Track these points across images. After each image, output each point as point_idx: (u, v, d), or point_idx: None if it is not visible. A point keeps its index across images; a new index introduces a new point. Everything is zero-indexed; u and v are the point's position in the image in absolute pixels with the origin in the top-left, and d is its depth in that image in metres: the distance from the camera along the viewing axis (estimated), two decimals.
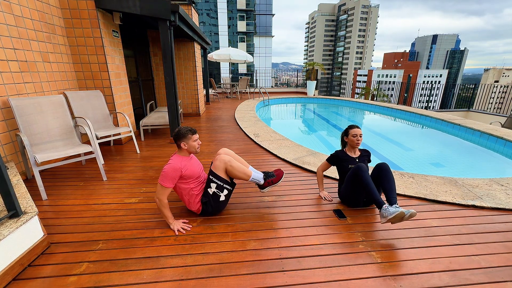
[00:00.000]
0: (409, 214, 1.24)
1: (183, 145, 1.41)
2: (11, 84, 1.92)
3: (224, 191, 1.48)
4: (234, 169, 1.45)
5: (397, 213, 1.24)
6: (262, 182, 1.53)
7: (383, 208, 1.32)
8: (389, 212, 1.27)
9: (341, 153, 1.69)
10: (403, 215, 1.24)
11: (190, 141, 1.41)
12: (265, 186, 1.54)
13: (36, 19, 2.19)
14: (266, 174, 1.56)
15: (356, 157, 1.67)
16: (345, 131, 1.70)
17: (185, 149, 1.42)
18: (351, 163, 1.63)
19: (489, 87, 6.17)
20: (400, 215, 1.24)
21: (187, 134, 1.40)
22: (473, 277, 1.09)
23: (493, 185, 1.92)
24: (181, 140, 1.40)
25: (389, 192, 1.39)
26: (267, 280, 1.08)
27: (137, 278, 1.07)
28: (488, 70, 68.39)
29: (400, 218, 1.25)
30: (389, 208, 1.29)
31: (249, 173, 1.49)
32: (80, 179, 2.07)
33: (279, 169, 1.61)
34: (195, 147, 1.43)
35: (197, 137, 1.44)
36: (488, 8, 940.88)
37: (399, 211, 1.24)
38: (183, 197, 1.49)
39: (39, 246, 1.20)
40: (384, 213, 1.30)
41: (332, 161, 1.71)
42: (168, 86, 2.93)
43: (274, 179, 1.53)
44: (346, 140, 1.69)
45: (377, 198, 1.37)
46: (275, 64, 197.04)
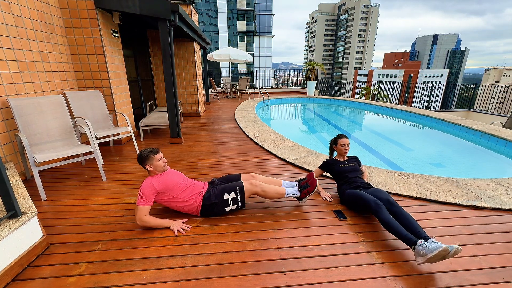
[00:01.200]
0: (453, 250, 1.00)
1: (148, 167, 1.42)
2: (10, 84, 1.92)
3: (234, 206, 1.52)
4: (267, 193, 1.53)
5: (440, 249, 0.99)
6: (298, 194, 1.58)
7: (418, 244, 1.07)
8: (428, 248, 1.03)
9: (330, 160, 1.85)
10: (447, 252, 1.00)
11: (154, 161, 1.42)
12: (302, 198, 1.58)
13: (36, 18, 2.18)
14: (300, 186, 1.59)
15: (345, 160, 1.81)
16: (334, 140, 1.84)
17: (151, 170, 1.43)
18: (340, 163, 1.77)
19: (490, 87, 6.16)
20: (443, 252, 1.00)
21: (149, 155, 1.41)
22: (473, 278, 1.09)
23: (494, 186, 1.92)
24: (144, 163, 1.42)
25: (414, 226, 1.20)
26: (267, 280, 1.07)
27: (136, 279, 1.07)
28: (489, 70, 68.33)
29: (443, 255, 1.01)
30: (427, 244, 1.05)
31: (282, 192, 1.55)
32: (80, 179, 2.07)
33: (311, 174, 1.62)
34: (161, 165, 1.44)
35: (160, 156, 1.45)
36: (489, 8, 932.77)
37: (442, 247, 0.99)
38: (172, 207, 1.50)
39: (38, 246, 1.19)
40: (421, 250, 1.05)
41: (324, 168, 1.86)
42: (167, 86, 2.92)
43: (309, 188, 1.56)
44: (334, 148, 1.84)
45: (405, 234, 1.17)
46: (275, 64, 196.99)
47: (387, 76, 58.50)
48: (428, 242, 1.08)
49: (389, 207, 1.34)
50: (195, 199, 1.48)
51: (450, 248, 1.01)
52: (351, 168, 1.74)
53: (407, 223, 1.23)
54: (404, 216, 1.27)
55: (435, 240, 1.08)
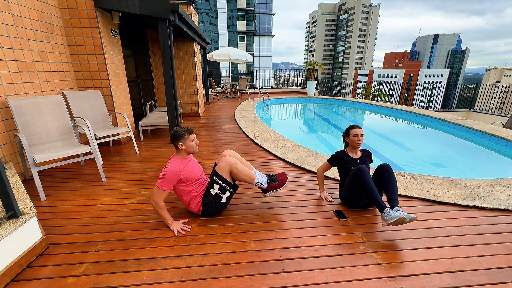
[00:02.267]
0: (409, 218, 1.25)
1: (181, 146, 1.40)
2: (9, 84, 1.91)
3: (226, 192, 1.47)
4: (239, 172, 1.44)
5: (398, 218, 1.25)
6: (265, 186, 1.52)
7: (385, 211, 1.32)
8: (390, 216, 1.29)
9: (342, 153, 1.66)
10: (404, 220, 1.25)
11: (187, 141, 1.39)
12: (268, 190, 1.53)
13: (35, 18, 2.18)
14: (269, 178, 1.55)
15: (358, 158, 1.65)
16: (346, 131, 1.67)
17: (183, 149, 1.41)
18: (352, 164, 1.61)
19: (490, 87, 6.14)
20: (400, 219, 1.25)
21: (184, 134, 1.39)
22: (474, 278, 1.08)
23: (495, 186, 1.91)
24: (178, 141, 1.39)
25: (391, 195, 1.39)
26: (267, 281, 1.07)
27: (136, 279, 1.07)
28: (490, 70, 68.23)
29: (400, 222, 1.27)
30: (391, 212, 1.30)
31: (253, 176, 1.48)
32: (79, 179, 2.06)
33: (283, 173, 1.60)
34: (193, 147, 1.42)
35: (194, 136, 1.43)
36: (490, 8, 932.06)
37: (400, 216, 1.25)
38: (182, 198, 1.49)
39: (37, 247, 1.19)
40: (386, 216, 1.31)
41: (333, 162, 1.69)
42: (167, 86, 2.92)
43: (278, 183, 1.53)
44: (347, 140, 1.66)
45: (379, 201, 1.36)
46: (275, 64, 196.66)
47: (387, 76, 58.46)
48: (393, 210, 1.31)
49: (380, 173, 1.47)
50: (201, 197, 1.47)
51: (406, 216, 1.25)
52: None
53: (389, 189, 1.40)
54: (389, 182, 1.42)
55: (399, 209, 1.32)
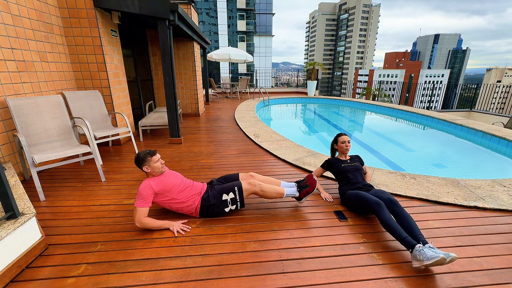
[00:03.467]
0: (450, 258, 1.01)
1: (146, 169, 1.41)
2: (8, 84, 1.91)
3: (233, 206, 1.50)
4: (266, 193, 1.51)
5: (437, 259, 1.00)
6: (297, 195, 1.56)
7: (416, 249, 1.09)
8: (425, 255, 1.04)
9: (333, 159, 1.84)
10: (444, 261, 1.01)
11: (151, 163, 1.41)
12: (301, 198, 1.57)
13: (34, 18, 2.17)
14: (299, 186, 1.58)
15: (347, 159, 1.80)
16: (334, 139, 1.85)
17: (149, 172, 1.42)
18: (342, 163, 1.75)
19: (491, 87, 6.14)
20: (440, 261, 1.01)
21: (146, 157, 1.40)
22: (475, 279, 1.08)
23: (496, 186, 1.91)
24: (142, 165, 1.41)
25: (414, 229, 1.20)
26: (267, 282, 1.06)
27: (136, 280, 1.06)
28: (491, 70, 68.08)
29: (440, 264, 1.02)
30: (425, 251, 1.06)
31: (281, 191, 1.53)
32: (79, 180, 2.06)
33: (310, 175, 1.62)
34: (159, 167, 1.43)
35: (158, 157, 1.44)
36: (491, 7, 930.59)
37: (440, 257, 1.00)
38: (172, 208, 1.49)
39: (37, 247, 1.19)
40: (418, 256, 1.06)
41: (325, 166, 1.84)
42: (167, 86, 2.91)
43: (309, 189, 1.55)
44: (336, 147, 1.84)
45: (405, 237, 1.16)
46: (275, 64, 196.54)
47: (388, 76, 58.39)
48: (426, 247, 1.09)
49: (391, 207, 1.33)
50: (194, 199, 1.47)
51: (446, 256, 1.02)
52: (353, 167, 1.72)
53: (406, 225, 1.24)
54: (405, 217, 1.27)
55: (432, 245, 1.10)
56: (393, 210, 1.32)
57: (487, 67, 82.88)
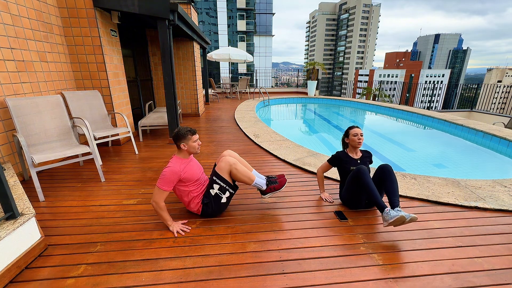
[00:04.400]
0: (409, 218, 1.25)
1: (183, 146, 1.39)
2: (8, 84, 1.91)
3: (226, 193, 1.47)
4: (238, 172, 1.44)
5: (398, 217, 1.25)
6: (264, 188, 1.52)
7: (385, 211, 1.32)
8: (390, 216, 1.29)
9: (342, 154, 1.67)
10: (404, 219, 1.25)
11: (190, 141, 1.39)
12: (266, 192, 1.53)
13: (34, 18, 2.17)
14: (268, 180, 1.54)
15: (358, 158, 1.65)
16: (345, 133, 1.69)
17: (185, 150, 1.40)
18: (352, 164, 1.61)
19: (492, 87, 6.13)
20: (401, 219, 1.25)
21: (187, 134, 1.38)
22: (475, 280, 1.08)
23: (496, 187, 1.91)
24: (180, 141, 1.38)
25: (391, 194, 1.38)
26: (267, 282, 1.06)
27: (135, 281, 1.06)
28: (491, 70, 67.95)
29: (401, 222, 1.27)
30: (391, 212, 1.30)
31: (252, 178, 1.48)
32: (78, 180, 2.05)
33: (282, 175, 1.59)
34: (195, 147, 1.41)
35: (197, 137, 1.42)
36: (491, 7, 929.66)
37: (400, 215, 1.25)
38: (182, 199, 1.48)
39: (36, 248, 1.18)
40: (386, 216, 1.31)
41: (333, 162, 1.68)
42: (167, 86, 2.91)
43: (277, 185, 1.52)
44: (347, 141, 1.67)
45: (379, 201, 1.36)
46: (276, 64, 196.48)
47: (388, 76, 58.35)
48: (394, 210, 1.30)
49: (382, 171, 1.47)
50: (201, 197, 1.46)
51: (407, 216, 1.24)
52: None
53: (389, 188, 1.40)
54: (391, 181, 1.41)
55: (400, 209, 1.31)
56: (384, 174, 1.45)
57: (488, 67, 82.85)
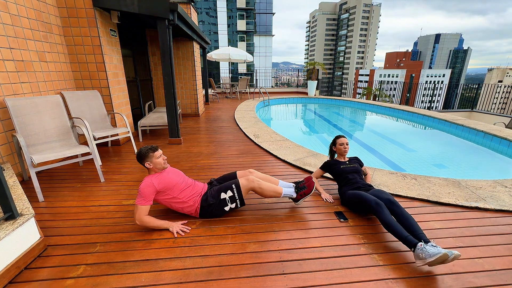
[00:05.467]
0: (453, 256, 1.00)
1: (148, 165, 1.41)
2: (7, 84, 1.90)
3: (233, 204, 1.49)
4: (263, 191, 1.48)
5: (440, 255, 0.99)
6: (295, 195, 1.55)
7: (418, 247, 1.08)
8: (428, 253, 1.03)
9: (332, 160, 1.84)
10: (447, 258, 1.00)
11: (153, 159, 1.40)
12: (298, 199, 1.56)
13: (33, 18, 2.16)
14: (297, 187, 1.57)
15: (346, 160, 1.81)
16: (333, 141, 1.86)
17: (151, 168, 1.42)
18: (341, 164, 1.76)
19: (492, 87, 6.12)
20: (442, 257, 1.00)
21: (148, 153, 1.39)
22: (476, 280, 1.07)
23: (497, 187, 1.90)
24: (144, 161, 1.40)
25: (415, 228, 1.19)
26: (267, 283, 1.06)
27: (135, 281, 1.06)
28: (492, 69, 67.80)
29: (441, 261, 1.02)
30: (427, 248, 1.05)
31: (279, 191, 1.52)
32: (78, 180, 2.05)
33: (309, 177, 1.61)
34: (161, 163, 1.42)
35: (160, 153, 1.43)
36: (492, 7, 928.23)
37: (442, 253, 1.00)
38: (172, 207, 1.48)
39: (35, 248, 1.18)
40: (421, 254, 1.05)
41: (324, 168, 1.85)
42: (166, 86, 2.91)
43: (306, 190, 1.54)
44: (334, 149, 1.86)
45: (406, 236, 1.16)
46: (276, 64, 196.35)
47: (388, 76, 58.28)
48: (428, 245, 1.08)
49: (390, 207, 1.32)
50: (195, 200, 1.46)
51: (449, 253, 1.01)
52: (352, 169, 1.73)
53: (407, 225, 1.23)
54: (405, 217, 1.26)
55: (434, 244, 1.08)
56: (393, 210, 1.30)
57: (489, 67, 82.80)
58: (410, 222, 1.23)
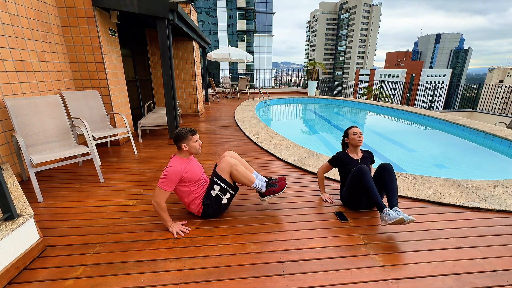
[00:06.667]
0: (408, 220, 1.25)
1: (184, 147, 1.39)
2: (6, 84, 1.90)
3: (227, 194, 1.46)
4: (239, 174, 1.44)
5: (397, 218, 1.25)
6: (263, 190, 1.52)
7: (384, 211, 1.32)
8: (389, 216, 1.28)
9: (343, 154, 1.64)
10: (403, 221, 1.25)
11: (190, 142, 1.39)
12: (265, 195, 1.52)
13: (32, 17, 2.16)
14: (268, 183, 1.54)
15: (359, 158, 1.63)
16: (345, 133, 1.69)
17: (186, 150, 1.40)
18: (353, 165, 1.58)
19: (493, 87, 6.11)
20: (399, 221, 1.25)
21: (187, 135, 1.38)
22: (477, 281, 1.07)
23: (498, 187, 1.90)
24: (181, 142, 1.38)
25: (391, 194, 1.38)
26: (267, 283, 1.06)
27: (135, 282, 1.05)
28: (493, 69, 67.66)
29: (399, 223, 1.27)
30: (390, 212, 1.29)
31: (252, 179, 1.48)
32: (77, 180, 2.05)
33: (283, 177, 1.59)
34: (196, 147, 1.41)
35: (197, 137, 1.42)
36: (493, 7, 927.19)
37: (399, 217, 1.25)
38: (183, 199, 1.47)
39: (35, 249, 1.18)
40: (384, 216, 1.30)
41: (334, 162, 1.66)
42: (166, 86, 2.90)
43: (276, 189, 1.52)
44: (347, 141, 1.66)
45: (378, 200, 1.36)
46: (276, 64, 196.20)
47: (389, 76, 58.22)
48: (392, 210, 1.30)
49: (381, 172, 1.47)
50: (201, 198, 1.45)
51: (405, 218, 1.24)
52: None
53: (388, 188, 1.40)
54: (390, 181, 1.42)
55: (398, 209, 1.31)
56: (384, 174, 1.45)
57: (489, 67, 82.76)
58: (391, 186, 1.40)
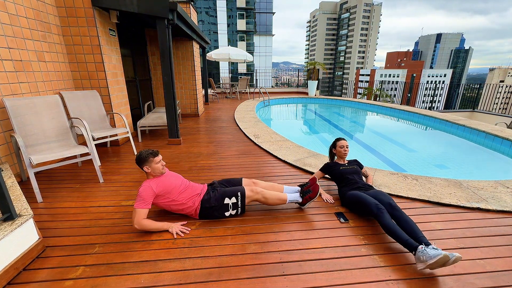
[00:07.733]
0: (453, 258, 1.00)
1: (146, 169, 1.40)
2: (5, 84, 1.89)
3: (234, 211, 1.50)
4: (268, 200, 1.51)
5: (440, 257, 0.99)
6: (300, 200, 1.57)
7: (419, 250, 1.07)
8: (428, 255, 1.02)
9: (331, 163, 1.86)
10: (447, 259, 0.99)
11: (152, 163, 1.39)
12: (304, 204, 1.57)
13: (31, 17, 2.15)
14: (302, 191, 1.58)
15: (345, 163, 1.82)
16: (333, 144, 1.89)
17: (149, 172, 1.41)
18: (341, 166, 1.78)
19: (494, 87, 6.11)
20: (443, 259, 0.99)
21: (148, 157, 1.39)
22: (477, 281, 1.07)
23: (499, 187, 1.89)
24: (143, 165, 1.40)
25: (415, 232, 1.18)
26: (267, 284, 1.05)
27: (134, 282, 1.05)
28: (493, 69, 67.53)
29: (443, 263, 1.01)
30: (427, 250, 1.04)
31: (284, 198, 1.53)
32: (76, 181, 2.04)
33: (314, 179, 1.61)
34: (159, 168, 1.41)
35: (159, 158, 1.43)
36: (494, 7, 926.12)
37: (443, 254, 0.99)
38: (172, 209, 1.48)
39: (34, 249, 1.17)
40: (422, 256, 1.04)
41: (324, 170, 1.87)
42: (166, 86, 2.90)
43: (311, 194, 1.55)
44: (334, 152, 1.88)
45: (406, 239, 1.16)
46: (276, 64, 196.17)
47: (389, 76, 58.17)
48: (429, 248, 1.07)
49: (391, 211, 1.32)
50: (194, 201, 1.46)
51: (450, 255, 1.01)
52: (352, 170, 1.74)
53: (408, 228, 1.23)
54: (406, 221, 1.26)
55: (435, 246, 1.08)
56: (394, 214, 1.31)
57: (490, 67, 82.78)
58: (411, 225, 1.23)
